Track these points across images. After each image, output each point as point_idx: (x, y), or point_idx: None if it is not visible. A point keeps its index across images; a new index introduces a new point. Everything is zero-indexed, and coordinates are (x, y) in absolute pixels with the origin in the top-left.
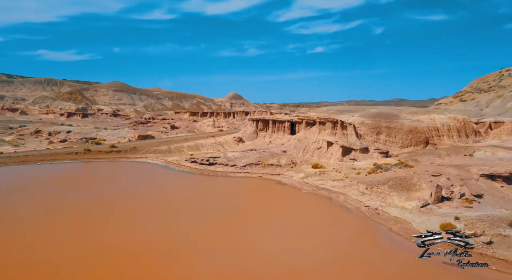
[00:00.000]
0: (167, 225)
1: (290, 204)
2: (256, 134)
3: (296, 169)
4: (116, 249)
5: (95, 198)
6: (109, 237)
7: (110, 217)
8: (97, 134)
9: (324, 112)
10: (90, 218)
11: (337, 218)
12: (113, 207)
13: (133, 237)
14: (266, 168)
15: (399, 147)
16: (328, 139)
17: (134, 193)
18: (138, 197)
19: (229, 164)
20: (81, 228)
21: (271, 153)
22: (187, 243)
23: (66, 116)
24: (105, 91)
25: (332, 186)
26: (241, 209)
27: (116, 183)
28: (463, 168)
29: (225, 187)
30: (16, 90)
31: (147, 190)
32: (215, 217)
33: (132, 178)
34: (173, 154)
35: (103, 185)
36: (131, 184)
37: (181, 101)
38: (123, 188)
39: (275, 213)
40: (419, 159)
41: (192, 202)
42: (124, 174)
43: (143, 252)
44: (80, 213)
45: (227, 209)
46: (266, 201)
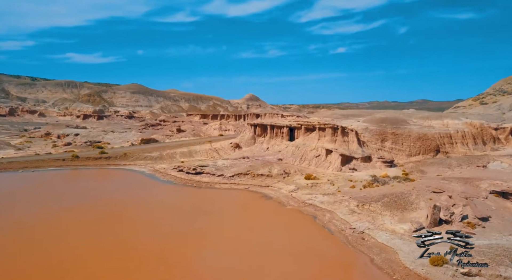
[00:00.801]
0: (110, 244)
1: (267, 224)
2: (253, 140)
3: (288, 180)
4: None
5: (50, 210)
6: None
7: (53, 231)
8: (104, 137)
9: (327, 117)
10: (35, 233)
11: (313, 244)
12: (59, 221)
13: (70, 254)
14: (256, 178)
15: (406, 155)
16: (328, 146)
17: (95, 205)
18: (94, 210)
19: (217, 173)
20: (27, 245)
21: (264, 161)
22: (126, 268)
23: (82, 118)
24: (122, 93)
25: (321, 202)
26: (204, 231)
27: (83, 194)
28: (472, 182)
29: (202, 201)
30: (38, 93)
31: (111, 203)
32: (170, 240)
33: (107, 188)
34: (164, 161)
35: (67, 195)
36: (98, 195)
37: (198, 103)
38: (85, 199)
39: (244, 237)
40: (425, 170)
41: (152, 221)
42: (100, 183)
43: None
44: (25, 229)
45: (189, 230)
46: (240, 220)
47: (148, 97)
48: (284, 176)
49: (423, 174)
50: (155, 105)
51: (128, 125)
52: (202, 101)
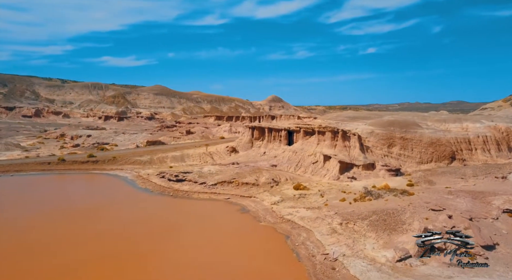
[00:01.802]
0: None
1: (230, 245)
2: (251, 143)
3: (274, 190)
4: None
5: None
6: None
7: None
8: (114, 139)
9: (331, 119)
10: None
11: (270, 274)
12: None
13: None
14: (240, 187)
15: (416, 163)
16: (326, 152)
17: (43, 214)
18: (39, 220)
19: (199, 181)
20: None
21: (254, 168)
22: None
23: (103, 120)
24: (146, 94)
25: (301, 218)
26: (152, 252)
27: (41, 202)
28: (483, 198)
29: (168, 215)
30: (66, 94)
31: (64, 213)
32: (109, 260)
33: (73, 195)
34: (153, 165)
35: (22, 203)
36: (56, 204)
37: (220, 104)
38: (38, 208)
39: (195, 261)
40: (434, 180)
41: (98, 237)
42: (69, 190)
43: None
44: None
45: (134, 250)
46: (201, 240)
47: (170, 99)
48: (272, 185)
49: (430, 185)
50: (177, 107)
51: (146, 126)
52: (224, 103)
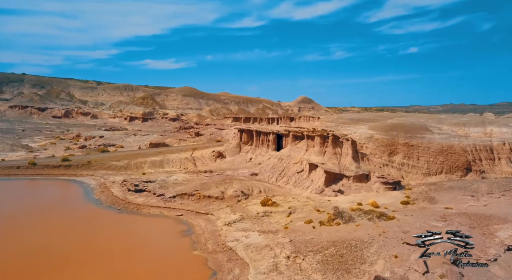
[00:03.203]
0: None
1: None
2: (239, 148)
3: (238, 206)
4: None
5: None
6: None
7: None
8: (123, 140)
9: (330, 121)
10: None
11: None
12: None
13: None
14: (200, 201)
15: (422, 174)
16: (313, 160)
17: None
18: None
19: (158, 192)
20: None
21: (226, 178)
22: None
23: (128, 121)
24: (174, 96)
25: (247, 246)
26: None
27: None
28: (487, 227)
29: (96, 236)
30: (98, 96)
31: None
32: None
33: (8, 204)
34: (128, 171)
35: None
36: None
37: (247, 106)
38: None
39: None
40: (437, 197)
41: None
42: (9, 198)
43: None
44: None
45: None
46: (108, 272)
47: (198, 100)
48: (240, 199)
49: (430, 203)
50: (205, 108)
51: (169, 127)
52: (251, 104)
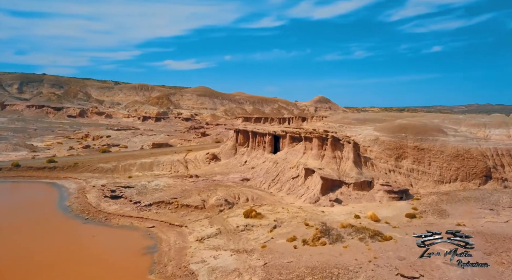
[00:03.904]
0: None
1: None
2: (235, 150)
3: (219, 217)
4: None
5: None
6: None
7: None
8: (130, 140)
9: (335, 122)
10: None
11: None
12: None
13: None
14: (178, 210)
15: (434, 182)
16: (310, 164)
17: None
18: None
19: (134, 199)
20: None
21: (212, 184)
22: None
23: (141, 120)
24: (189, 96)
25: (212, 269)
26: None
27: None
28: (508, 252)
29: (37, 252)
30: (114, 96)
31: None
32: None
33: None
34: (115, 174)
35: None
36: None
37: (262, 105)
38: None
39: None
40: (449, 210)
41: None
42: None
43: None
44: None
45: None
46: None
47: (213, 100)
48: (223, 208)
49: (439, 217)
50: (219, 108)
51: (182, 127)
52: (266, 104)
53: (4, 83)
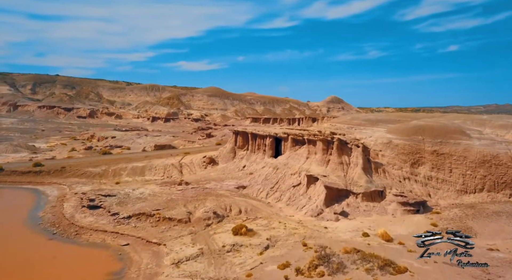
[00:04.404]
0: None
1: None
2: (233, 153)
3: (204, 233)
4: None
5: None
6: None
7: None
8: (134, 141)
9: (343, 123)
10: None
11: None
12: None
13: None
14: (159, 224)
15: (456, 192)
16: (314, 171)
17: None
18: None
19: (113, 210)
20: None
21: (201, 193)
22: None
23: (150, 121)
24: (200, 96)
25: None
26: None
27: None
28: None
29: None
30: (125, 96)
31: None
32: None
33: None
34: (103, 179)
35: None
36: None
37: (273, 106)
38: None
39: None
40: (476, 228)
41: None
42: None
43: None
44: None
45: None
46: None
47: (224, 101)
48: (210, 222)
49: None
50: (230, 109)
51: (191, 128)
52: (278, 104)
53: (18, 84)
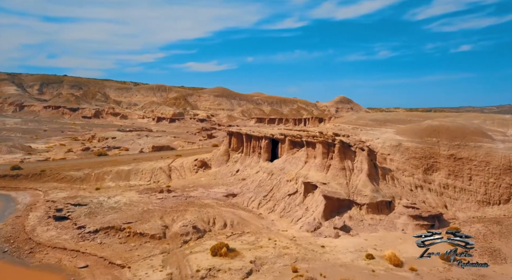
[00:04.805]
0: None
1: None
2: (227, 156)
3: (179, 253)
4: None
5: None
6: None
7: None
8: (134, 142)
9: (347, 123)
10: None
11: None
12: None
13: None
14: (129, 240)
15: (477, 202)
16: (312, 177)
17: None
18: None
19: (79, 223)
20: None
21: (185, 202)
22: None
23: (156, 121)
24: (206, 96)
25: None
26: None
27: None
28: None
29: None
30: (132, 96)
31: None
32: None
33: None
34: (83, 185)
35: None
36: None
37: (281, 106)
38: None
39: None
40: (505, 249)
41: None
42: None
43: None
44: None
45: None
46: None
47: (230, 101)
48: (189, 238)
49: (493, 261)
50: (237, 109)
51: (196, 128)
52: (285, 105)
53: (26, 84)
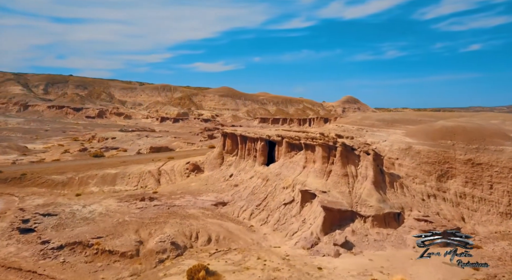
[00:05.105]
0: None
1: None
2: (221, 159)
3: (151, 275)
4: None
5: None
6: None
7: None
8: (133, 143)
9: (352, 124)
10: None
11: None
12: None
13: None
14: (97, 258)
15: (500, 214)
16: (311, 184)
17: None
18: None
19: (44, 237)
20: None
21: (166, 212)
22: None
23: (159, 121)
24: (211, 96)
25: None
26: None
27: None
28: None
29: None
30: (137, 96)
31: None
32: None
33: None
34: (65, 190)
35: None
36: None
37: (286, 106)
38: None
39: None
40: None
41: None
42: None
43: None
44: None
45: None
46: None
47: (235, 101)
48: (165, 257)
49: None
50: (242, 109)
51: (198, 128)
52: (291, 105)
53: (31, 84)
